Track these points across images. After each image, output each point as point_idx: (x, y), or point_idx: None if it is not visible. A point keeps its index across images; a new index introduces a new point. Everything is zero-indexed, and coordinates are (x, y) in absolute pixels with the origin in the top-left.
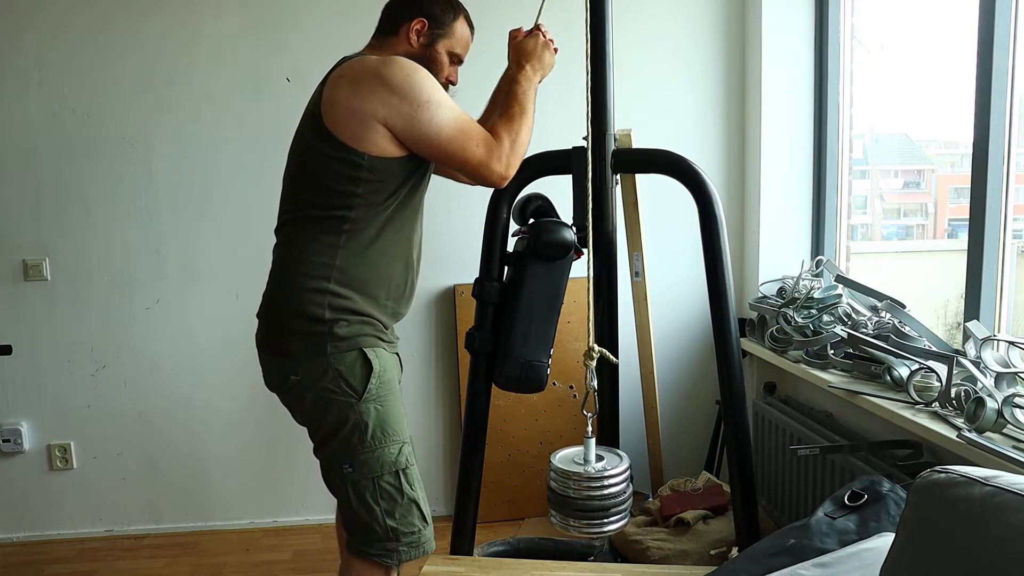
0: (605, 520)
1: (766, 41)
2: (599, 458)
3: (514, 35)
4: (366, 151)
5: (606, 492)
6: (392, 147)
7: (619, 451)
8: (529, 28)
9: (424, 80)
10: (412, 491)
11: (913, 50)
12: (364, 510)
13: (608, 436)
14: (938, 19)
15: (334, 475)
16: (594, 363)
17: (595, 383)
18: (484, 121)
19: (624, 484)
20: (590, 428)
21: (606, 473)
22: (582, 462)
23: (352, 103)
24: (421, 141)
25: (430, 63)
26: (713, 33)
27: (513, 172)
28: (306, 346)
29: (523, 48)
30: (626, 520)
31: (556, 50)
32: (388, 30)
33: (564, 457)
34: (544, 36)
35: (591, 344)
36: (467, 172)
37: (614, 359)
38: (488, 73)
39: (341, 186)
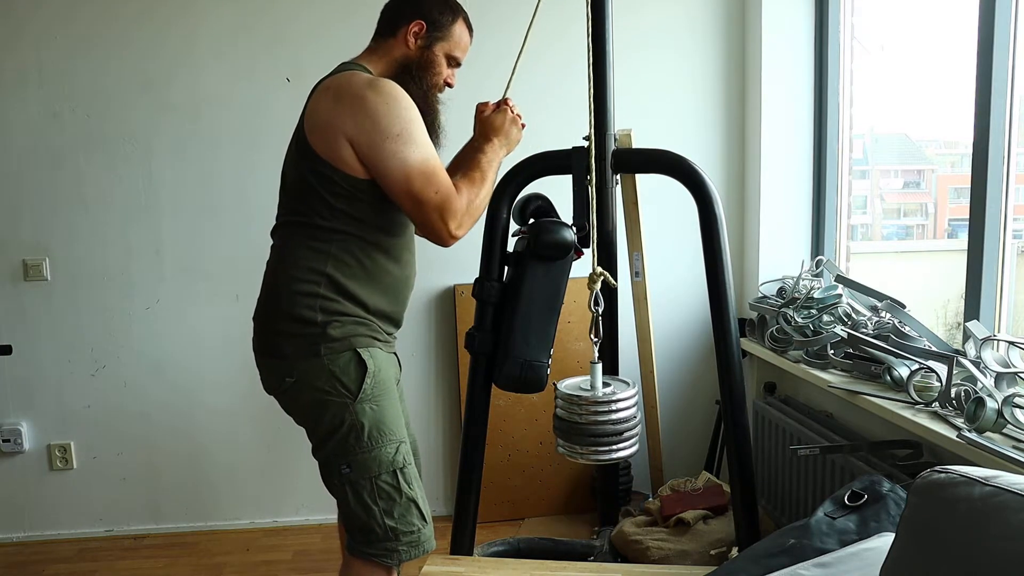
0: (613, 446)
1: (766, 41)
2: (606, 384)
3: (481, 109)
4: (338, 167)
5: (613, 416)
6: (359, 168)
7: (625, 379)
8: (497, 101)
9: (403, 113)
10: (410, 490)
11: (913, 50)
12: (363, 510)
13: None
14: (938, 19)
15: (332, 476)
16: (598, 286)
17: (599, 307)
18: None
19: (632, 410)
20: (596, 353)
21: (614, 397)
22: (588, 388)
23: (329, 117)
24: (380, 171)
25: (427, 65)
26: (713, 33)
27: (462, 234)
28: (300, 348)
29: (491, 123)
30: (635, 448)
31: (523, 126)
32: (386, 32)
33: (571, 384)
34: (512, 111)
35: (595, 267)
36: (419, 215)
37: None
38: (486, 74)
39: (322, 197)
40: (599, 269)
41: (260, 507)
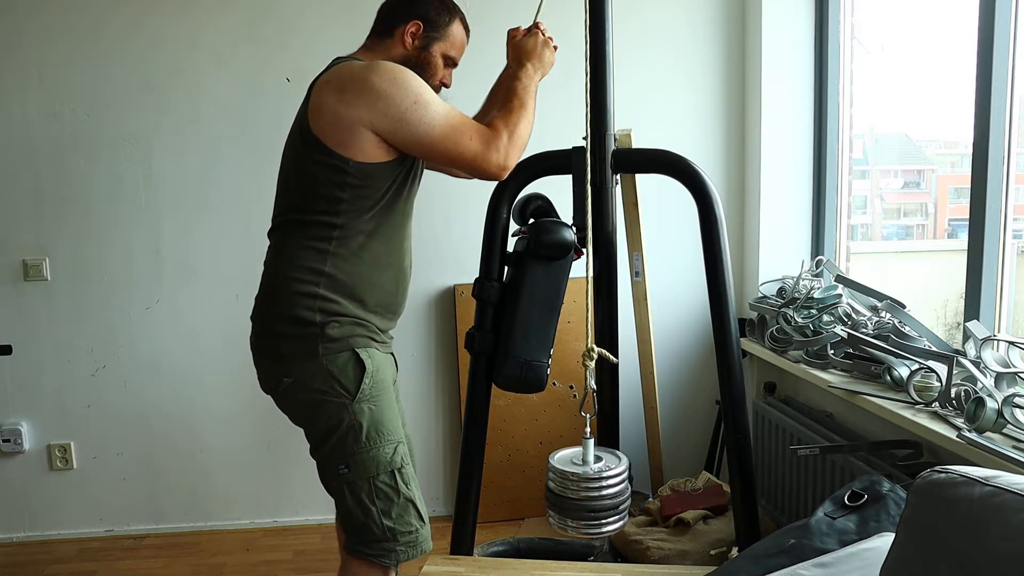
0: (603, 521)
1: (766, 41)
2: (597, 459)
3: (512, 34)
4: (351, 157)
5: (604, 493)
6: (379, 152)
7: (618, 452)
8: (528, 27)
9: (410, 81)
10: (408, 490)
11: (913, 50)
12: (361, 510)
13: (608, 436)
14: (938, 19)
15: (330, 476)
16: (593, 363)
17: (594, 384)
18: (481, 117)
19: (622, 485)
20: (588, 429)
21: (604, 474)
22: (580, 463)
23: (338, 109)
24: (412, 142)
25: (424, 66)
26: (713, 33)
27: (512, 163)
28: (298, 348)
29: (523, 47)
30: (624, 521)
31: (556, 48)
32: (383, 32)
33: (563, 458)
34: (543, 34)
35: (590, 345)
36: (463, 167)
37: (613, 359)
38: (485, 74)
39: (327, 191)
40: (595, 348)
41: (260, 507)
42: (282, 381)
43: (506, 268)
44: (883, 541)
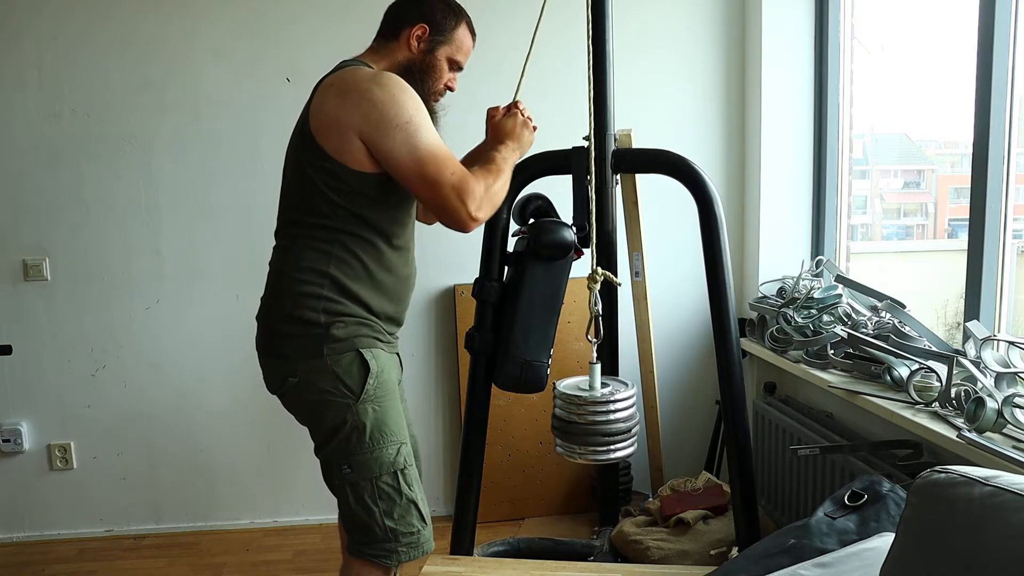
0: (611, 446)
1: (766, 41)
2: (604, 384)
3: (492, 113)
4: (345, 163)
5: (612, 416)
6: (369, 162)
7: (624, 379)
8: (507, 105)
9: (408, 101)
10: (411, 491)
11: (913, 50)
12: (363, 511)
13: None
14: (938, 19)
15: (333, 476)
16: (598, 286)
17: (599, 307)
18: None
19: (630, 409)
20: (595, 354)
21: (612, 397)
22: (587, 388)
23: (337, 114)
24: (392, 161)
25: (429, 69)
26: (713, 33)
27: (483, 217)
28: (303, 348)
29: (502, 128)
30: (633, 448)
31: (535, 128)
32: (389, 34)
33: (569, 384)
34: (523, 115)
35: (594, 267)
36: (437, 200)
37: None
38: (485, 74)
39: (325, 195)
40: (600, 269)
41: (260, 507)
42: (287, 381)
43: (506, 268)
44: (883, 541)
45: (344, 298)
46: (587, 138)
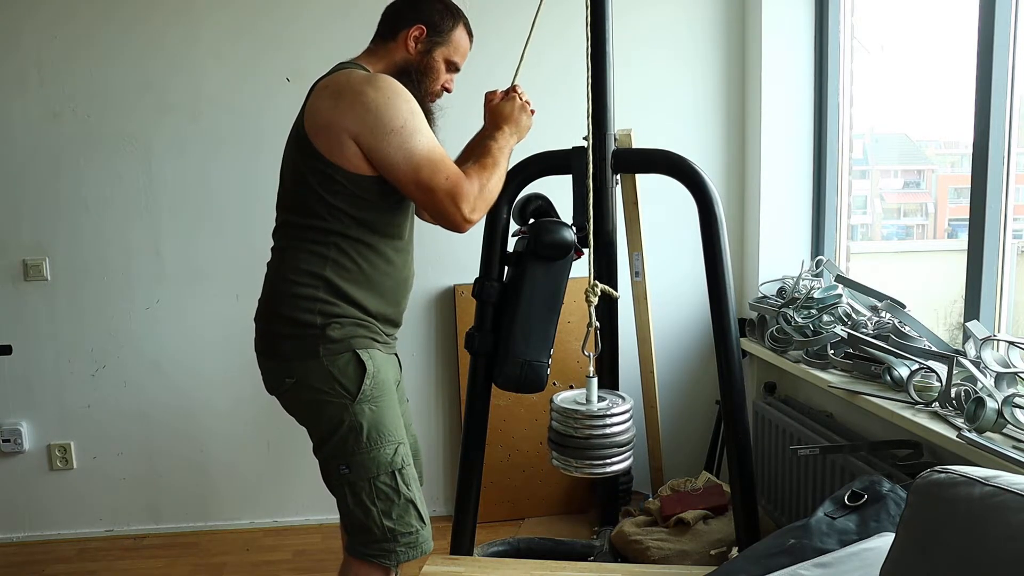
0: (607, 460)
1: (766, 41)
2: (601, 398)
3: (490, 98)
4: (340, 165)
5: (608, 431)
6: (364, 165)
7: (621, 393)
8: (505, 89)
9: (404, 104)
10: (409, 491)
11: (913, 50)
12: (361, 511)
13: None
14: (938, 19)
15: (332, 476)
16: (595, 299)
17: (597, 322)
18: None
19: (627, 424)
20: (592, 368)
21: (609, 411)
22: (584, 402)
23: (330, 116)
24: (387, 165)
25: (427, 71)
26: (713, 33)
27: (477, 218)
28: (300, 349)
29: (500, 111)
30: (629, 461)
31: (533, 112)
32: (386, 35)
33: (566, 397)
34: (520, 98)
35: (593, 281)
36: (431, 204)
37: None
38: (485, 74)
39: (321, 197)
40: (598, 284)
41: (260, 507)
42: (284, 381)
43: (506, 268)
44: (883, 541)
45: (339, 300)
46: (587, 138)
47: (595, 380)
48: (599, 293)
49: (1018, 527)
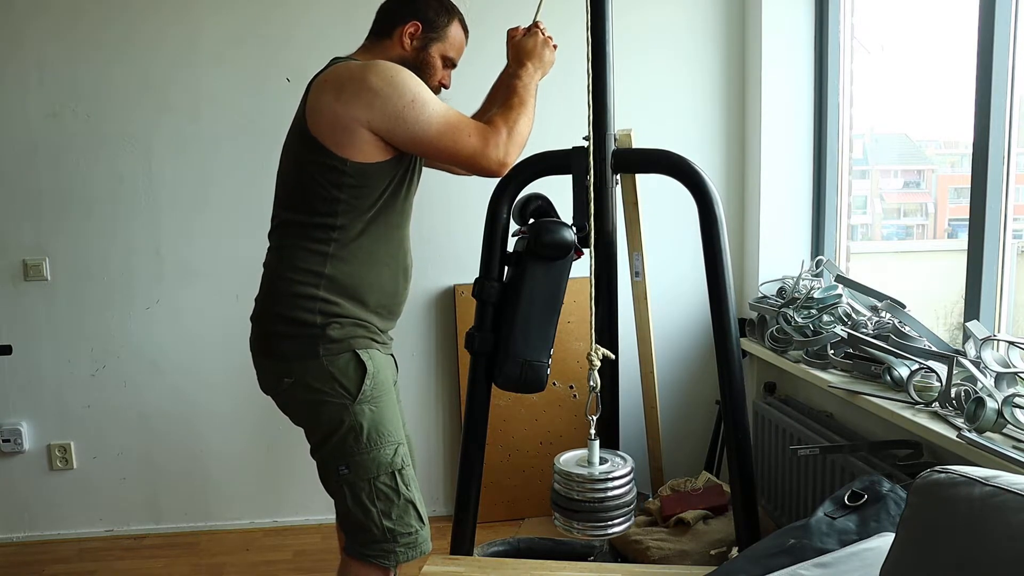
0: (609, 522)
1: (766, 41)
2: (603, 460)
3: (512, 34)
4: (349, 157)
5: (610, 494)
6: (376, 152)
7: (623, 454)
8: (527, 26)
9: (407, 80)
10: (408, 492)
11: (913, 50)
12: (361, 511)
13: (608, 437)
14: (938, 19)
15: (330, 477)
16: (597, 364)
17: (598, 385)
18: (480, 116)
19: (628, 486)
20: (593, 430)
21: (610, 475)
22: (586, 464)
23: (336, 109)
24: (410, 141)
25: (423, 67)
26: (713, 33)
27: (512, 160)
28: (299, 348)
29: (523, 47)
30: (630, 522)
31: (555, 47)
32: (381, 33)
33: (568, 460)
34: (543, 34)
35: (594, 346)
36: (463, 164)
37: (612, 356)
38: (484, 75)
39: (325, 192)
40: (600, 350)
41: (260, 507)
42: (283, 381)
43: (506, 268)
44: (883, 541)
45: (340, 298)
46: (587, 138)
47: (596, 443)
48: (601, 359)
49: (1018, 527)
